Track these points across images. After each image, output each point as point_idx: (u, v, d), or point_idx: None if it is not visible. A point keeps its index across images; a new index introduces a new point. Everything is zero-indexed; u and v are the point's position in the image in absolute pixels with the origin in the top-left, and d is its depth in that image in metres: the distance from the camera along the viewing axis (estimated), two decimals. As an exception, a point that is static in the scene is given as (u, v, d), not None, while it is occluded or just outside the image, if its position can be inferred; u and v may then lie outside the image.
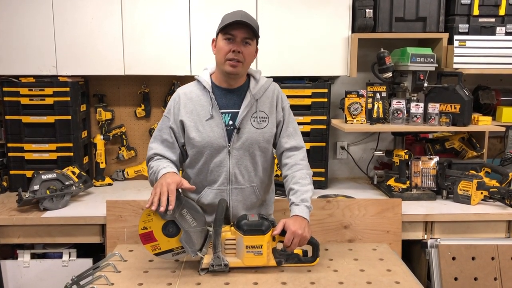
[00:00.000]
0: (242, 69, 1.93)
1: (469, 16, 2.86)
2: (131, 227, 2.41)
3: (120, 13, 2.82)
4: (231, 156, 1.96)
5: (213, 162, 1.97)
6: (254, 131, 1.97)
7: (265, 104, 2.01)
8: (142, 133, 3.28)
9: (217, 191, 2.00)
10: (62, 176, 2.68)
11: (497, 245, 2.44)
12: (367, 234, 2.44)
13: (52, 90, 2.85)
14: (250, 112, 1.98)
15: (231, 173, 1.97)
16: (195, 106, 1.97)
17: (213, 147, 1.95)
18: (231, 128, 1.96)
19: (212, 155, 1.96)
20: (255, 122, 1.97)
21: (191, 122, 1.96)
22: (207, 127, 1.95)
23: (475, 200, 2.65)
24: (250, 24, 1.86)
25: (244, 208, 2.03)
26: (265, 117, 2.00)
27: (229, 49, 1.88)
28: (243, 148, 1.97)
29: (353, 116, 2.88)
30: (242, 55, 1.89)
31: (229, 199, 2.00)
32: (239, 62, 1.90)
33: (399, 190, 2.78)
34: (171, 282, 1.73)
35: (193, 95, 2.00)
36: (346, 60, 2.90)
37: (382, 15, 2.84)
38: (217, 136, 1.94)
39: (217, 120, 1.95)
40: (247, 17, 1.88)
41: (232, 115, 1.97)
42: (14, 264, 2.58)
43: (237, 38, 1.88)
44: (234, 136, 1.95)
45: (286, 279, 1.75)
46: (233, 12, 1.93)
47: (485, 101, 3.06)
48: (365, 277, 1.79)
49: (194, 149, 1.98)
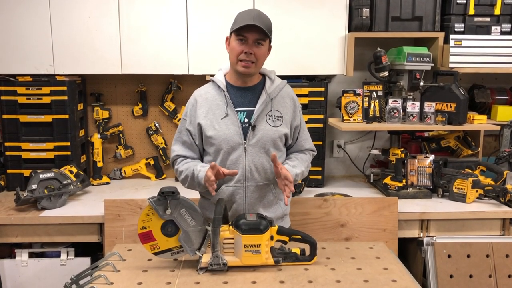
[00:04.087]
0: (255, 69, 1.98)
1: (465, 15, 2.89)
2: (129, 226, 2.42)
3: (117, 12, 2.82)
4: (247, 153, 1.99)
5: (229, 160, 2.01)
6: (269, 128, 2.00)
7: (280, 104, 2.05)
8: (139, 132, 3.29)
9: (233, 188, 2.03)
10: (60, 175, 2.68)
11: (492, 242, 2.46)
12: (364, 232, 2.47)
13: (49, 89, 2.85)
14: (265, 110, 2.01)
15: (247, 170, 2.01)
16: (211, 106, 2.02)
17: (229, 144, 1.99)
18: (246, 125, 2.00)
19: (229, 152, 2.00)
20: (270, 120, 2.01)
21: (207, 122, 2.01)
22: (223, 125, 1.99)
23: (470, 198, 2.67)
24: (262, 28, 1.89)
25: (261, 206, 2.06)
26: (280, 116, 2.04)
27: (241, 50, 1.93)
28: (259, 145, 2.00)
29: (350, 115, 2.89)
30: (254, 56, 1.93)
31: (245, 196, 2.03)
32: (252, 63, 1.94)
33: (395, 188, 2.80)
34: (170, 281, 1.75)
35: (208, 96, 2.05)
36: (343, 59, 2.91)
37: (379, 14, 2.86)
38: (233, 133, 1.98)
39: (233, 118, 1.99)
40: (260, 19, 1.91)
41: (247, 113, 2.01)
42: (12, 263, 2.59)
43: (249, 40, 1.91)
44: (250, 133, 1.99)
45: (284, 278, 1.77)
46: (247, 11, 1.96)
47: (481, 100, 3.08)
48: (362, 276, 1.80)
49: (212, 147, 2.02)
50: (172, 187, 1.81)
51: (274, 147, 2.03)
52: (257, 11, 1.96)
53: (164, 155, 3.26)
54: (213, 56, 2.84)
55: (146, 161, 3.26)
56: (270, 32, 1.96)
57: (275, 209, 2.09)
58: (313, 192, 2.90)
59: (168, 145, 3.28)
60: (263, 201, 2.06)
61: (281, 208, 2.11)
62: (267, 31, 1.92)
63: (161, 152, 3.25)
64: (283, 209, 2.13)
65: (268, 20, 1.97)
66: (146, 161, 3.26)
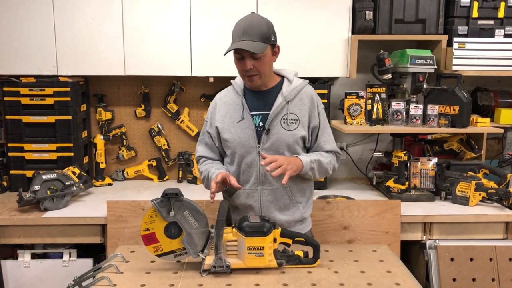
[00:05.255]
0: (261, 79, 1.97)
1: (468, 18, 2.88)
2: (131, 228, 2.42)
3: (121, 14, 2.83)
4: (261, 157, 1.98)
5: (244, 163, 2.02)
6: (283, 132, 1.99)
7: (297, 106, 2.03)
8: (142, 133, 3.29)
9: (248, 191, 2.03)
10: (63, 176, 2.68)
11: (495, 246, 2.45)
12: (367, 235, 2.46)
13: (52, 90, 2.86)
14: (280, 114, 2.00)
15: (261, 174, 2.01)
16: (229, 109, 2.04)
17: (244, 147, 2.00)
18: (261, 129, 2.00)
19: (243, 155, 2.01)
20: (284, 124, 2.00)
21: (224, 125, 2.03)
22: (238, 129, 2.00)
23: (473, 201, 2.67)
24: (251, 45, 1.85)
25: (276, 209, 2.05)
26: (296, 119, 2.01)
27: (241, 68, 1.94)
28: (273, 149, 1.99)
29: (353, 117, 2.89)
30: (255, 68, 1.92)
31: (260, 199, 2.03)
32: (255, 75, 1.94)
33: (398, 191, 2.80)
34: (173, 283, 1.74)
35: (227, 99, 2.07)
36: (346, 61, 2.91)
37: (382, 17, 2.86)
38: (247, 137, 1.99)
39: (248, 122, 2.00)
40: (250, 31, 1.86)
41: (262, 116, 2.01)
42: (14, 264, 2.59)
43: (245, 56, 1.90)
44: (264, 137, 1.99)
45: (287, 281, 1.76)
46: (238, 24, 1.91)
47: (484, 102, 3.08)
48: (366, 279, 1.80)
49: (228, 150, 2.05)
50: (176, 188, 1.81)
51: (289, 151, 2.02)
52: (249, 22, 1.89)
53: (167, 157, 3.26)
54: (216, 57, 2.84)
55: (149, 162, 3.26)
56: (266, 39, 1.89)
57: (292, 212, 2.08)
58: (316, 194, 2.89)
59: (170, 146, 3.29)
60: (279, 204, 2.05)
61: (299, 211, 2.09)
62: (261, 42, 1.88)
63: (164, 153, 3.25)
64: (302, 212, 2.10)
65: (262, 26, 1.90)
66: (148, 163, 3.26)
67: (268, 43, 1.91)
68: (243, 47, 1.85)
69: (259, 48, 1.87)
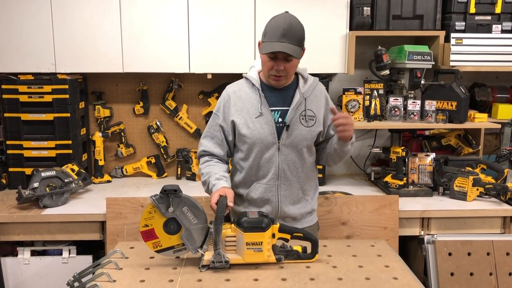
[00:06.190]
0: (286, 80, 1.99)
1: (466, 14, 2.89)
2: (131, 224, 2.43)
3: (119, 11, 2.82)
4: (280, 152, 2.00)
5: (263, 158, 2.02)
6: (303, 129, 2.01)
7: (313, 103, 2.05)
8: (140, 130, 3.29)
9: (266, 186, 2.05)
10: (62, 173, 2.69)
11: (493, 240, 2.47)
12: (365, 230, 2.47)
13: (50, 88, 2.86)
14: (299, 110, 2.02)
15: (280, 169, 2.02)
16: (245, 104, 2.02)
17: (263, 143, 2.00)
18: (280, 125, 2.01)
19: (262, 151, 2.01)
20: (303, 120, 2.01)
21: (241, 120, 2.01)
22: (257, 124, 1.99)
23: (471, 196, 2.68)
24: (291, 49, 1.85)
25: (291, 203, 2.08)
26: (313, 115, 2.04)
27: (271, 66, 1.93)
28: (292, 145, 2.01)
29: (351, 113, 2.90)
30: (285, 70, 1.92)
31: (277, 194, 2.05)
32: (283, 76, 1.95)
33: (396, 186, 2.81)
34: (173, 278, 1.75)
35: (242, 93, 2.05)
36: (344, 57, 2.91)
37: (380, 13, 2.86)
38: (267, 133, 1.99)
39: (267, 117, 1.99)
40: (290, 34, 1.86)
41: (281, 112, 2.01)
42: (14, 261, 2.60)
43: (279, 57, 1.90)
44: (284, 133, 2.00)
45: (286, 275, 1.77)
46: (277, 23, 1.90)
47: (481, 98, 3.09)
48: (364, 273, 1.81)
49: (245, 145, 2.03)
50: (174, 185, 1.81)
51: (307, 147, 2.04)
52: (288, 23, 1.88)
53: (165, 154, 3.26)
54: (215, 54, 2.85)
55: (147, 159, 3.26)
56: (302, 44, 1.92)
57: (303, 205, 2.11)
58: (314, 190, 2.91)
59: (169, 143, 3.29)
60: (293, 198, 2.08)
61: (309, 204, 2.13)
62: (299, 46, 1.89)
63: (162, 150, 3.26)
64: (311, 204, 2.15)
65: (300, 30, 1.92)
66: (147, 160, 3.26)
67: (302, 47, 1.94)
68: (285, 50, 1.85)
69: (297, 52, 1.90)
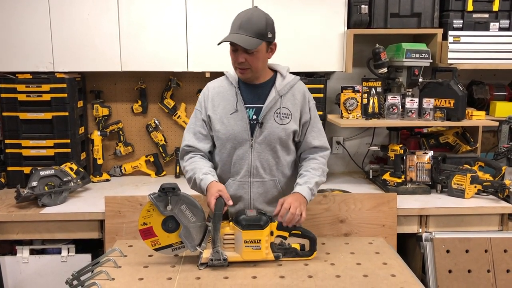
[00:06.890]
0: (252, 73, 1.98)
1: (463, 11, 2.89)
2: (129, 223, 2.43)
3: (117, 9, 2.82)
4: (253, 149, 2.01)
5: (236, 155, 2.03)
6: (276, 126, 2.01)
7: (290, 101, 2.04)
8: (139, 129, 3.29)
9: (239, 183, 2.05)
10: (60, 172, 2.69)
11: (490, 238, 2.48)
12: (363, 228, 2.48)
13: (49, 87, 2.85)
14: (273, 108, 2.01)
15: (252, 166, 2.02)
16: (222, 99, 2.03)
17: (237, 139, 2.01)
18: (254, 122, 2.01)
19: (235, 147, 2.02)
20: (278, 118, 2.01)
21: (216, 116, 2.02)
22: (232, 121, 2.00)
23: (469, 193, 2.69)
24: (245, 40, 1.86)
25: (265, 201, 2.07)
26: (288, 113, 2.03)
27: (234, 59, 1.95)
28: (265, 142, 2.01)
29: (349, 111, 2.90)
30: (247, 62, 1.92)
31: (250, 191, 2.05)
32: (247, 69, 1.95)
33: (394, 184, 2.82)
34: (171, 276, 1.76)
35: (221, 89, 2.06)
36: (342, 55, 2.92)
37: (378, 11, 2.86)
38: (240, 130, 2.00)
39: (242, 114, 2.00)
40: (247, 26, 1.87)
41: (256, 109, 2.02)
42: (13, 260, 2.60)
43: (238, 48, 1.91)
44: (257, 130, 2.00)
45: (284, 273, 1.78)
46: (238, 16, 1.92)
47: (479, 96, 3.09)
48: (362, 271, 1.82)
49: (219, 141, 2.05)
50: (173, 183, 1.82)
51: (281, 145, 2.04)
52: (248, 16, 1.90)
53: (164, 152, 3.26)
54: (213, 53, 2.82)
55: (146, 158, 3.26)
56: (262, 36, 1.89)
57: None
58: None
59: (168, 142, 3.29)
60: (268, 197, 2.07)
61: None
62: (257, 38, 1.88)
63: (161, 149, 3.26)
64: None
65: (260, 23, 1.89)
66: (146, 158, 3.26)
67: (263, 40, 1.91)
68: (235, 40, 1.87)
69: (252, 44, 1.88)
